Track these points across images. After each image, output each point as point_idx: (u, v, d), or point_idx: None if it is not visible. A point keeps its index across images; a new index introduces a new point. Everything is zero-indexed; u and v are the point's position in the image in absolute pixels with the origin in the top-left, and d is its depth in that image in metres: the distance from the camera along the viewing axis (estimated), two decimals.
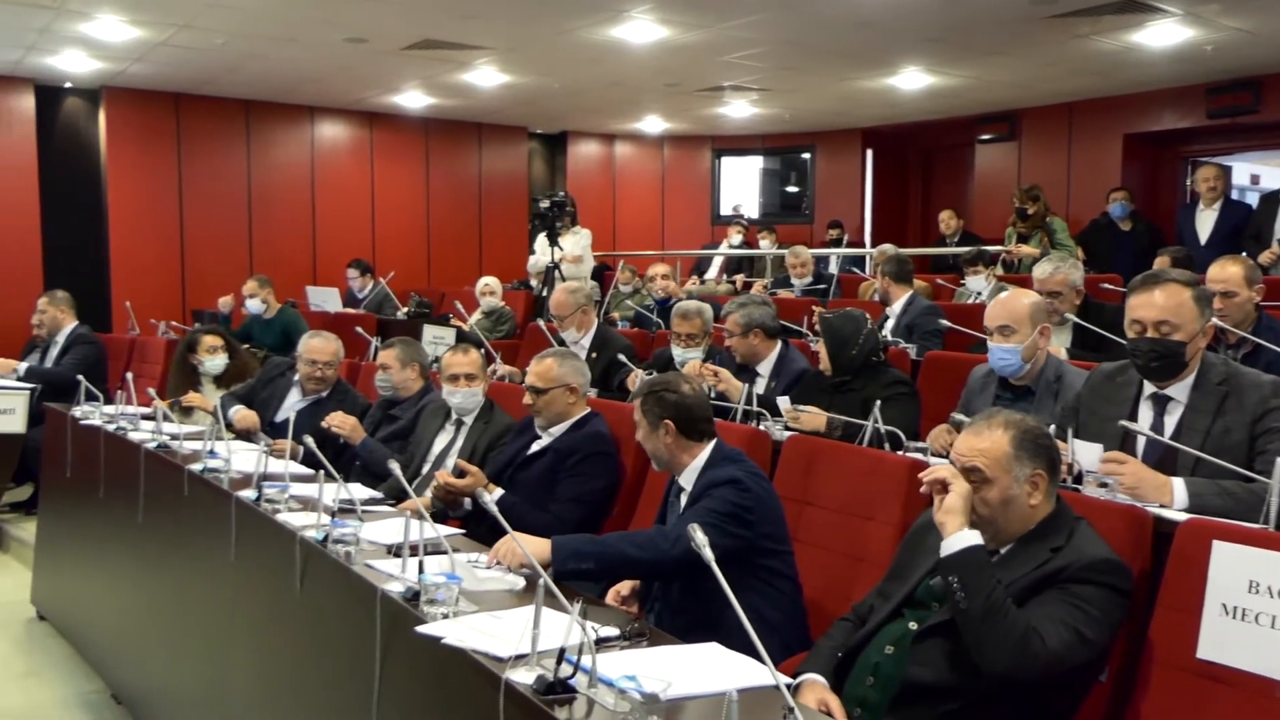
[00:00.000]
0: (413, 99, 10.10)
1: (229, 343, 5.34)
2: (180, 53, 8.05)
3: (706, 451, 2.84)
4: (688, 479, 2.83)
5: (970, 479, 2.14)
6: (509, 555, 2.45)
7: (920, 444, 3.02)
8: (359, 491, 3.16)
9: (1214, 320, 3.83)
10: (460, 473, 3.51)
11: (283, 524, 2.80)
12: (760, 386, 4.28)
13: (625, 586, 2.85)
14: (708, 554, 1.53)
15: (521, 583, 2.40)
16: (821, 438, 3.45)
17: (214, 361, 5.18)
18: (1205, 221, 7.41)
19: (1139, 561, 2.21)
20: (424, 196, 11.19)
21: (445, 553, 2.41)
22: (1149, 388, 2.73)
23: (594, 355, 5.27)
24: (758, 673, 1.88)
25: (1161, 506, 2.44)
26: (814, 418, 3.63)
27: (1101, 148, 9.61)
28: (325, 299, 8.48)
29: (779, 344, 4.36)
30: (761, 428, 3.50)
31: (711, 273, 10.78)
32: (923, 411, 3.79)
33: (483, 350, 4.70)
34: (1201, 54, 7.78)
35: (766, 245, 10.38)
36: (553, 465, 3.59)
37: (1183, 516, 2.24)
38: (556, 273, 7.93)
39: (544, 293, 7.99)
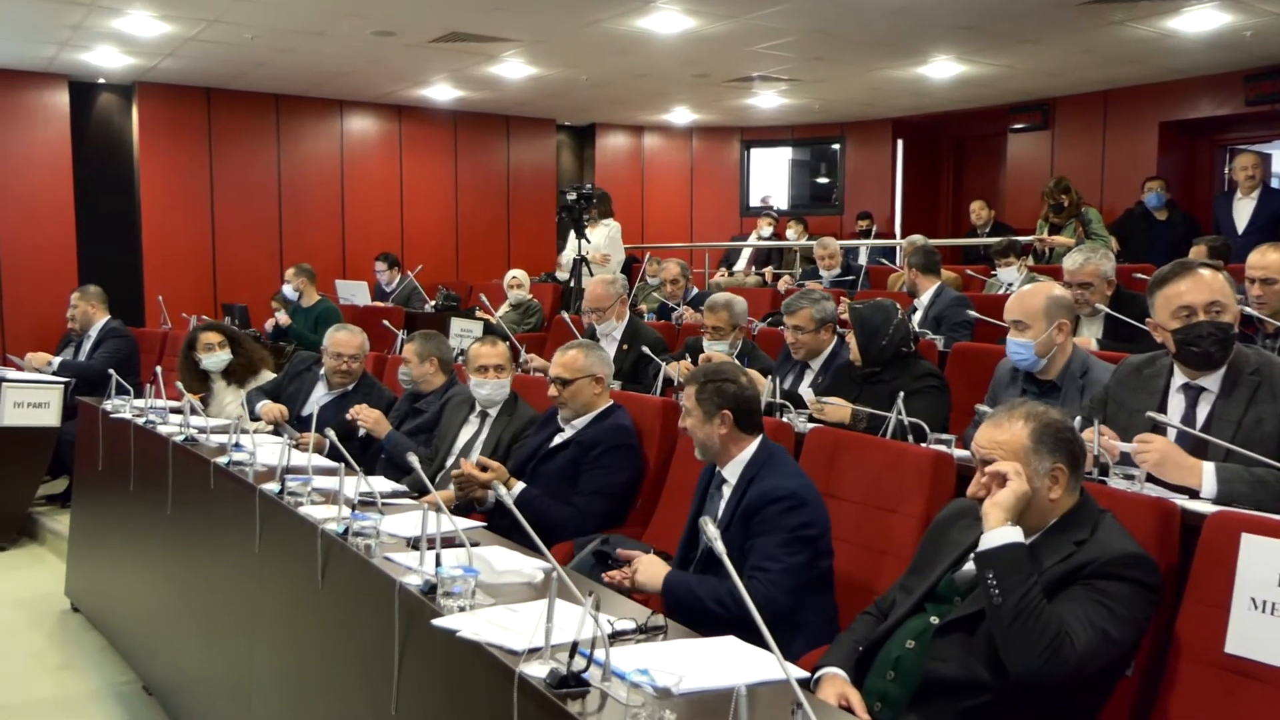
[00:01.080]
0: (441, 92, 10.13)
1: (230, 337, 5.22)
2: (210, 47, 8.12)
3: (754, 446, 2.81)
4: (732, 471, 2.81)
5: (986, 472, 2.12)
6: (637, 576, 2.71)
7: (945, 436, 2.98)
8: (380, 484, 3.17)
9: (1247, 309, 3.78)
10: (483, 468, 3.52)
11: (304, 517, 2.81)
12: (808, 379, 4.25)
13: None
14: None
15: (539, 575, 2.39)
16: (846, 430, 3.42)
17: (212, 359, 5.08)
18: (1243, 210, 7.25)
19: (1167, 555, 2.17)
20: (452, 189, 11.23)
21: (471, 545, 2.41)
22: (1179, 378, 2.68)
23: (625, 347, 5.27)
24: (774, 666, 1.87)
25: (1192, 497, 2.40)
26: (838, 410, 3.60)
27: (1137, 136, 9.46)
28: (354, 292, 8.53)
29: (836, 337, 4.32)
30: (784, 420, 3.47)
31: (740, 265, 10.75)
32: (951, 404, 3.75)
33: (508, 343, 4.72)
34: (1240, 39, 7.62)
35: (794, 236, 10.31)
36: (575, 458, 3.59)
37: (1211, 508, 2.19)
38: (584, 266, 7.92)
39: (571, 285, 7.99)
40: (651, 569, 2.70)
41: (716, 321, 4.61)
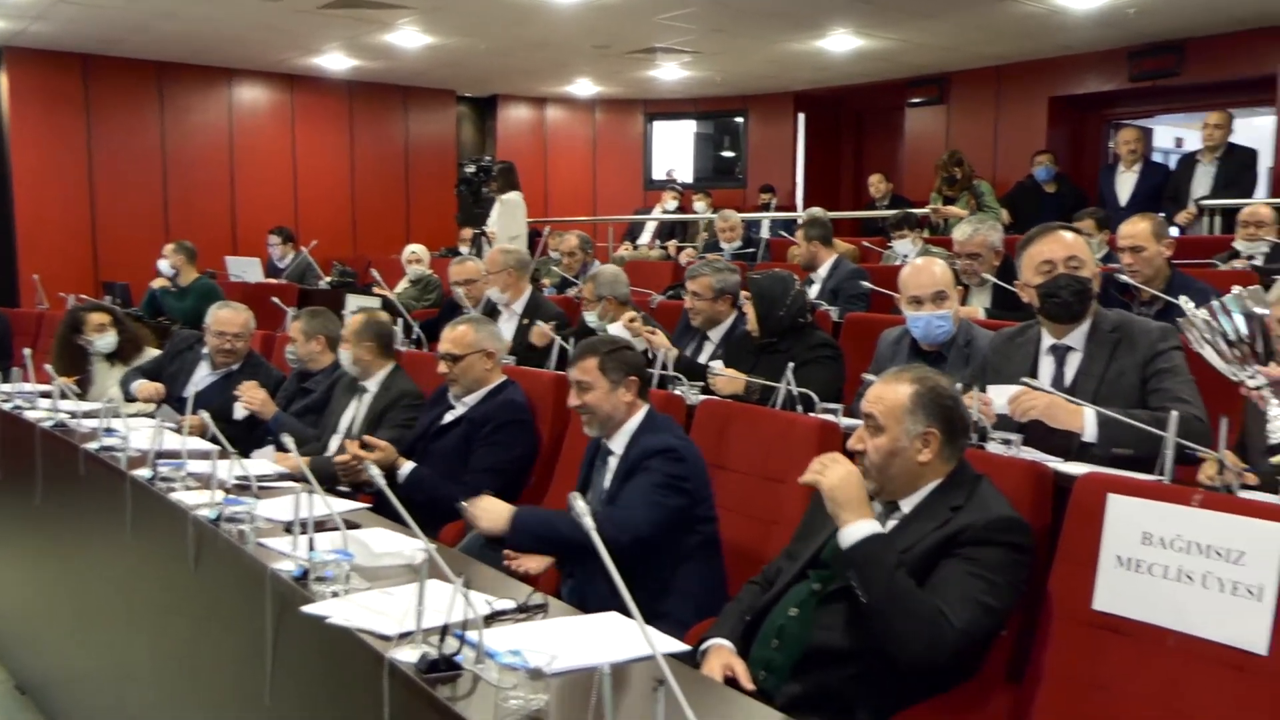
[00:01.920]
0: (334, 61, 9.83)
1: (117, 318, 5.08)
2: (84, 10, 7.71)
3: (640, 415, 2.80)
4: (619, 443, 2.80)
5: (866, 425, 2.17)
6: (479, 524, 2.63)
7: (833, 405, 3.00)
8: (256, 467, 3.06)
9: (1123, 277, 3.89)
10: (368, 447, 3.43)
11: (176, 503, 2.69)
12: (707, 352, 4.23)
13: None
14: (596, 539, 1.48)
15: (421, 557, 2.33)
16: (740, 401, 3.42)
17: (104, 340, 4.93)
18: (1125, 183, 7.51)
19: (1040, 516, 2.21)
20: (348, 162, 10.93)
21: (354, 526, 2.35)
22: (1047, 340, 2.81)
23: (525, 322, 5.19)
24: (656, 642, 1.85)
25: (1071, 454, 2.47)
26: (731, 381, 3.60)
27: (1027, 111, 9.69)
28: (246, 269, 8.23)
29: (736, 311, 4.31)
30: (676, 392, 3.45)
31: (644, 238, 10.72)
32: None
33: (400, 320, 4.62)
34: (1124, 17, 7.84)
35: (701, 209, 10.32)
36: (467, 435, 3.53)
37: (1081, 469, 2.24)
38: (484, 239, 7.79)
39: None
40: (492, 512, 2.67)
41: (586, 292, 4.63)
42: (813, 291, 5.62)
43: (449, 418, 3.61)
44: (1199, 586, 1.89)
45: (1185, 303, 2.22)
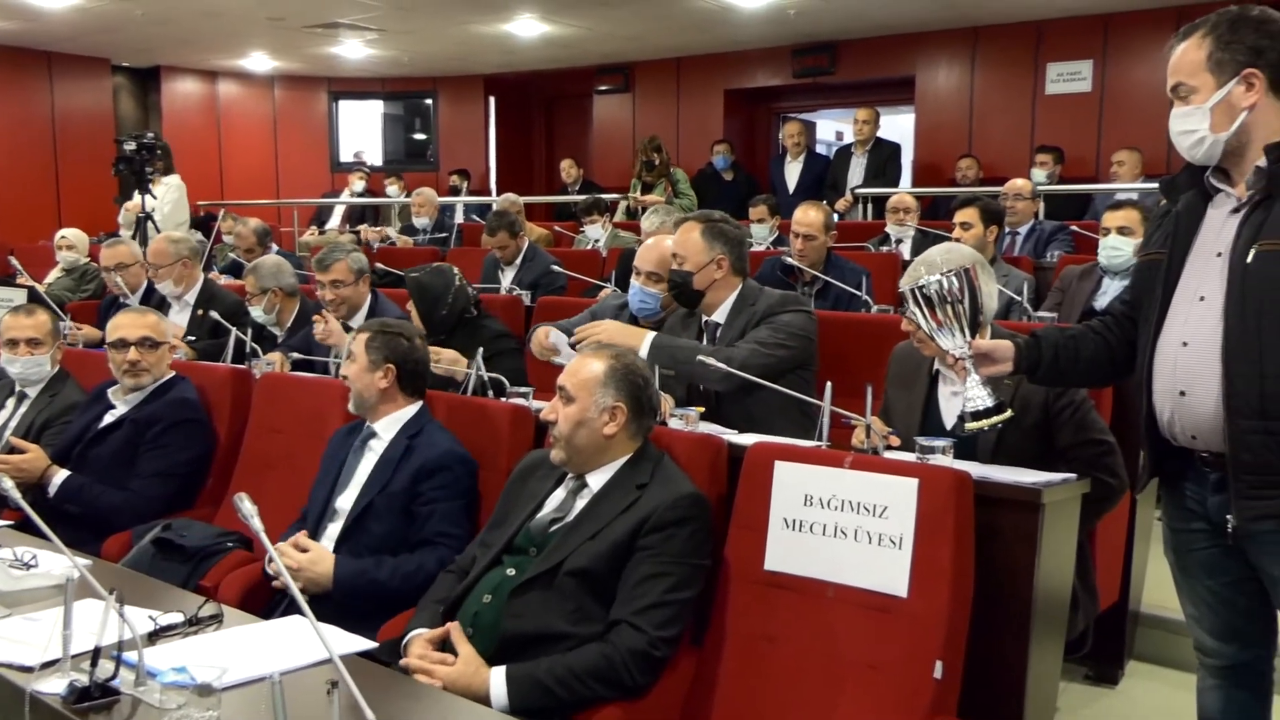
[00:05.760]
0: None
1: None
2: None
3: (414, 408, 2.79)
4: (387, 427, 2.75)
5: (560, 396, 2.25)
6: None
7: (524, 389, 3.02)
8: None
9: (789, 259, 4.21)
10: (12, 450, 3.06)
11: None
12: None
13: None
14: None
15: (77, 575, 2.10)
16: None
17: None
18: (792, 172, 8.16)
19: (717, 486, 2.34)
20: None
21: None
22: (704, 317, 3.09)
23: (200, 313, 4.82)
24: (342, 642, 1.79)
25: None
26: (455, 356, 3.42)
27: (706, 102, 10.22)
28: None
29: (370, 294, 4.10)
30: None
31: (333, 222, 10.26)
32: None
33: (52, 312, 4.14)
34: (785, 16, 8.44)
35: (394, 192, 10.04)
36: (131, 438, 3.24)
37: (751, 440, 2.40)
38: (150, 224, 7.14)
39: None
40: (324, 562, 2.51)
41: (249, 286, 4.28)
42: (506, 278, 5.63)
43: (109, 419, 3.29)
44: (851, 540, 2.08)
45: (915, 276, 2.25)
